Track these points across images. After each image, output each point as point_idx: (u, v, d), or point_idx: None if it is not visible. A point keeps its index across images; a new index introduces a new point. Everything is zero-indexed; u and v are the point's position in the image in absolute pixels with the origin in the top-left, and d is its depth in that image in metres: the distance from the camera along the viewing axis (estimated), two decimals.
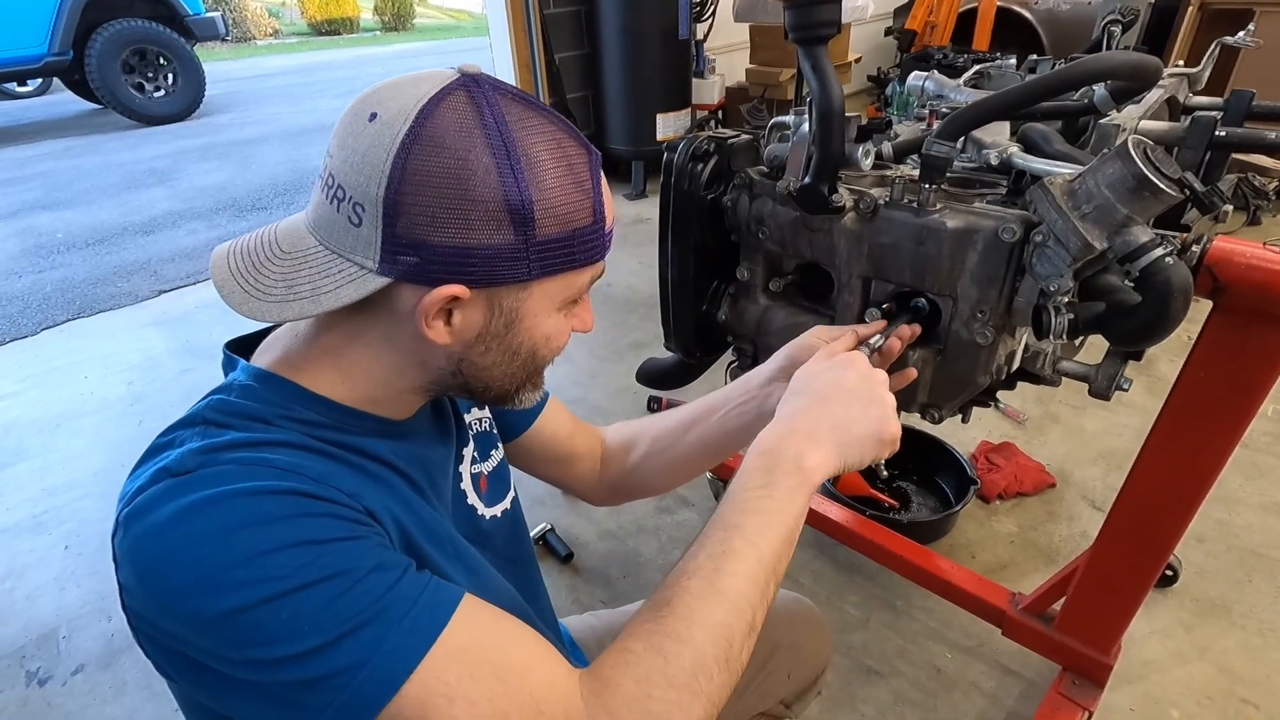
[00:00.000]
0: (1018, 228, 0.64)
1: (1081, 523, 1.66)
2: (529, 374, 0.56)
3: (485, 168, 0.45)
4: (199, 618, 0.41)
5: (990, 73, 1.31)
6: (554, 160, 0.47)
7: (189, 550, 0.42)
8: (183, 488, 0.44)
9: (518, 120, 0.46)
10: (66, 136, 6.08)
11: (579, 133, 0.51)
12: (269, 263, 0.49)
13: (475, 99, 0.46)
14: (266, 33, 13.38)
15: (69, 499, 1.92)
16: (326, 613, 0.42)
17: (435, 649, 0.43)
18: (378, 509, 0.49)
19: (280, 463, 0.46)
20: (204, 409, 0.51)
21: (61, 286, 3.20)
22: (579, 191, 0.48)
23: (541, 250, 0.48)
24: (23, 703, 1.40)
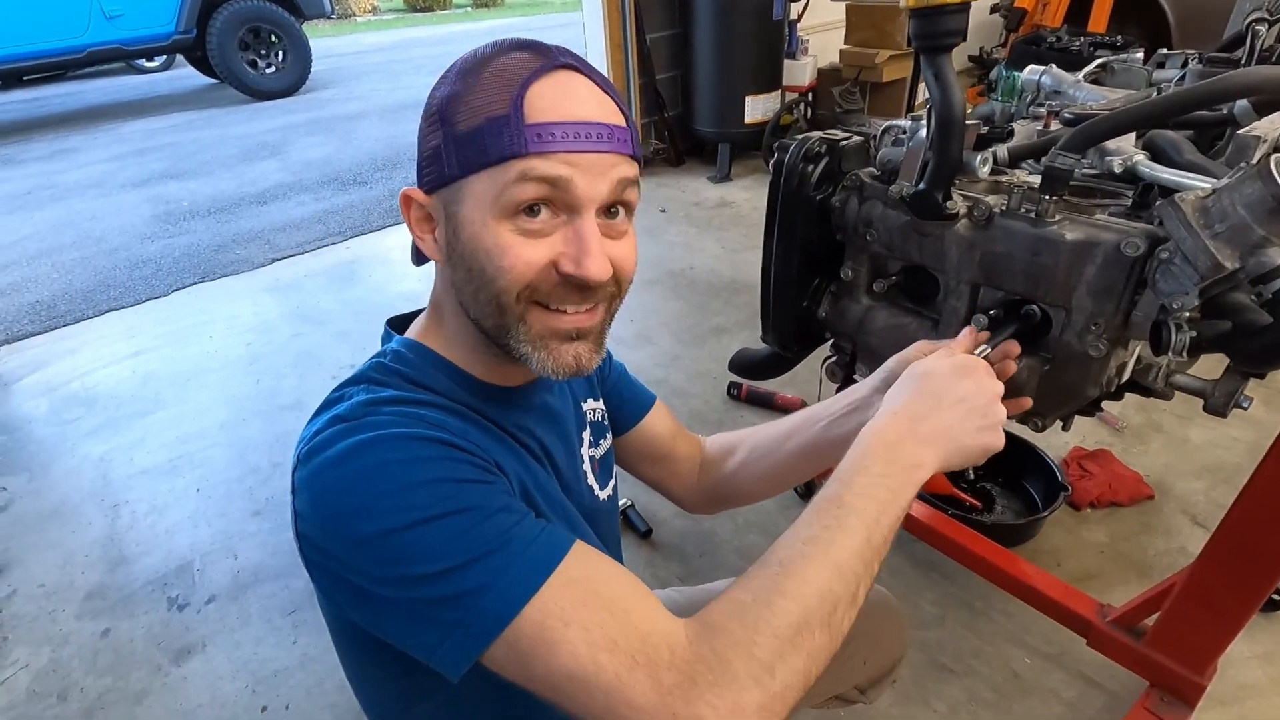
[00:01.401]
0: (1142, 243, 0.64)
1: (1180, 538, 1.60)
2: (495, 303, 0.55)
3: (438, 87, 0.56)
4: (357, 537, 0.49)
5: (1114, 67, 1.26)
6: (487, 67, 0.53)
7: (353, 481, 0.50)
8: (351, 430, 0.52)
9: (493, 51, 0.54)
10: (188, 110, 6.55)
11: (554, 52, 0.54)
12: None
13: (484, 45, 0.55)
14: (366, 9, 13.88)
15: (199, 447, 2.13)
16: (461, 540, 0.48)
17: (552, 579, 0.49)
18: (504, 463, 0.57)
19: (428, 417, 0.55)
20: (368, 370, 0.61)
21: (188, 252, 3.50)
22: (498, 87, 0.52)
23: (458, 143, 0.52)
24: (165, 624, 1.59)
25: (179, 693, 1.43)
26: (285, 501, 1.96)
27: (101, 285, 3.20)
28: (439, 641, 0.49)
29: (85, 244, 3.65)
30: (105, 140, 5.66)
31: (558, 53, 0.54)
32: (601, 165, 0.53)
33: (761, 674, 0.46)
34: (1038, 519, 1.57)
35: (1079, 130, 0.66)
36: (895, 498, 0.55)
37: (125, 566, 1.73)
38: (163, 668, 1.49)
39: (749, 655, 0.47)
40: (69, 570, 1.73)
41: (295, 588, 1.64)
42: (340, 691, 1.41)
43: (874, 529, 0.53)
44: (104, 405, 2.35)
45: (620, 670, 0.47)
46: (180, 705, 1.41)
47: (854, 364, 0.96)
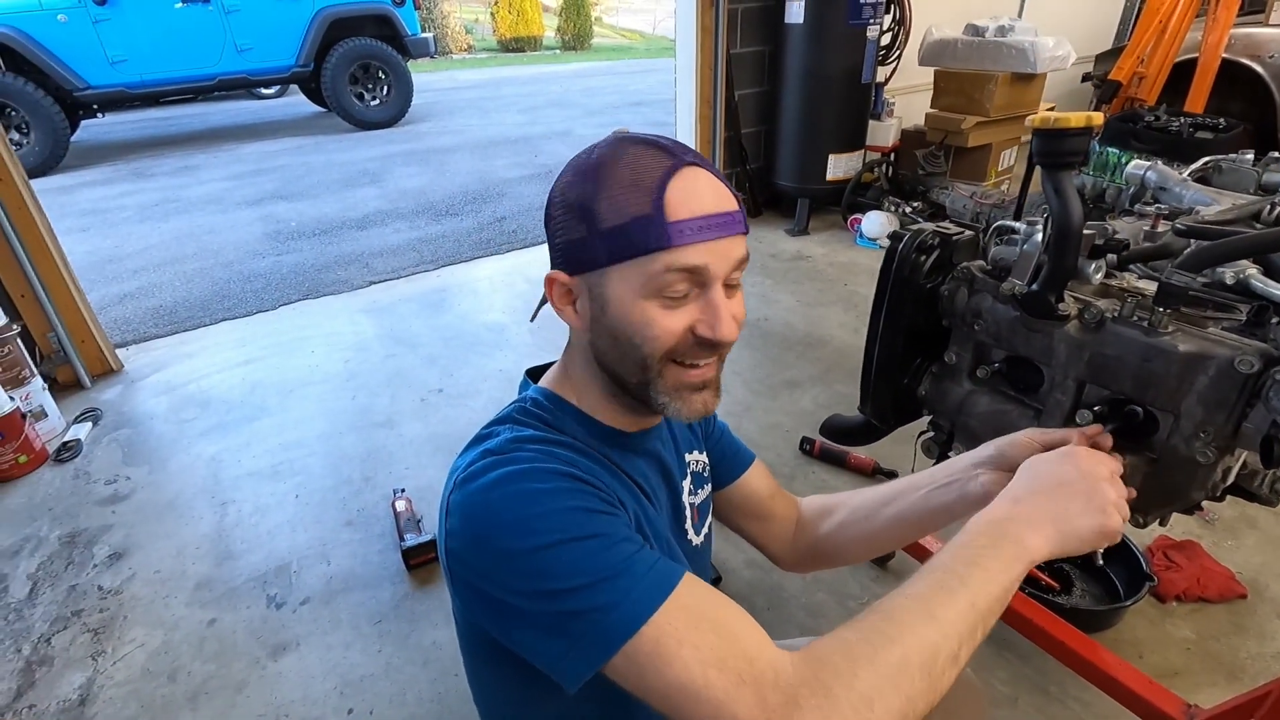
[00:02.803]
0: (1256, 361, 0.67)
1: (1275, 643, 1.54)
2: (638, 364, 0.64)
3: (571, 184, 0.63)
4: (503, 552, 0.57)
5: (1222, 166, 1.28)
6: (623, 169, 0.60)
7: (502, 503, 0.58)
8: (500, 463, 0.61)
9: (616, 145, 0.62)
10: (298, 135, 7.07)
11: (679, 150, 0.63)
12: None
13: (602, 143, 0.63)
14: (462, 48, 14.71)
15: (299, 455, 2.29)
16: (592, 561, 0.56)
17: (668, 603, 0.55)
18: (624, 499, 0.65)
19: (563, 455, 0.64)
20: (513, 412, 0.71)
21: (295, 269, 3.77)
22: (637, 190, 0.59)
23: (606, 239, 0.60)
24: (264, 620, 1.71)
25: (275, 687, 1.54)
26: (375, 515, 2.08)
27: (217, 296, 3.48)
28: (566, 650, 0.55)
29: (204, 255, 3.99)
30: (225, 160, 6.17)
31: (679, 150, 0.63)
32: (726, 247, 0.63)
33: (861, 705, 0.50)
34: (1121, 606, 1.54)
35: (1198, 251, 0.70)
36: (1002, 570, 0.58)
37: (230, 562, 1.88)
38: (260, 661, 1.60)
39: (850, 686, 0.51)
40: (181, 560, 1.89)
41: (382, 598, 1.74)
42: (419, 704, 1.49)
43: (979, 593, 0.56)
44: (216, 408, 2.56)
45: (728, 686, 0.52)
46: (275, 699, 1.52)
47: (950, 443, 1.00)
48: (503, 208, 4.66)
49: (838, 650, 0.54)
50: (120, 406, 2.59)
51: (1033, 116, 0.75)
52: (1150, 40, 3.96)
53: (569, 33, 15.34)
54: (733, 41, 3.80)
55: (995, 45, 3.74)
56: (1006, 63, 3.73)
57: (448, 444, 2.31)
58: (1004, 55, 3.72)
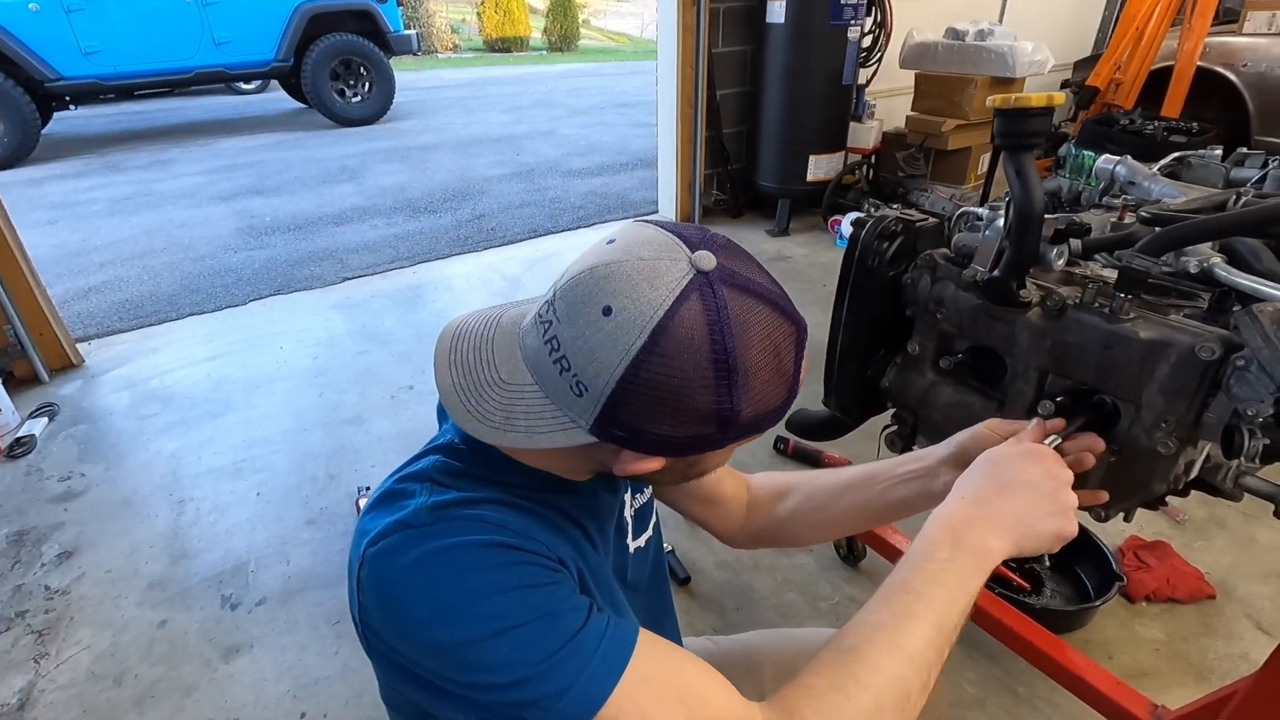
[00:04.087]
0: (1217, 347, 0.65)
1: (1243, 643, 1.53)
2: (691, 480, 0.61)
3: (705, 385, 0.48)
4: (433, 646, 0.51)
5: (1191, 162, 1.27)
6: (767, 359, 0.50)
7: (429, 591, 0.51)
8: (420, 539, 0.53)
9: (742, 323, 0.49)
10: (277, 131, 6.97)
11: (789, 306, 0.52)
12: (489, 389, 0.54)
13: (707, 306, 0.48)
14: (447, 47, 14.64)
15: (263, 452, 2.24)
16: (537, 647, 0.50)
17: (625, 677, 0.50)
18: (565, 556, 0.57)
19: (492, 519, 0.55)
20: (430, 469, 0.60)
21: (267, 264, 3.70)
22: (781, 380, 0.51)
23: (737, 432, 0.51)
24: (217, 621, 1.65)
25: (226, 690, 1.49)
26: (339, 513, 2.02)
27: (185, 290, 3.41)
28: None
29: (174, 250, 3.90)
30: (200, 154, 6.07)
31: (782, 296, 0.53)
32: None
33: None
34: (1091, 607, 1.53)
35: (1161, 234, 0.68)
36: (964, 583, 0.57)
37: (186, 561, 1.82)
38: (212, 663, 1.55)
39: None
40: (134, 559, 1.82)
41: (341, 598, 1.69)
42: (377, 707, 1.44)
43: (944, 615, 0.55)
44: (179, 404, 2.49)
45: None
46: (226, 702, 1.46)
47: (914, 435, 0.98)
48: (482, 205, 4.61)
49: (810, 703, 0.52)
50: (79, 402, 2.51)
51: (994, 97, 0.73)
52: (1127, 47, 4.00)
53: (556, 34, 15.31)
54: (714, 41, 3.79)
55: (975, 49, 3.76)
56: (986, 66, 3.74)
57: (417, 442, 2.21)
58: (984, 59, 3.73)
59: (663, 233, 0.52)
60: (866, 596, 0.59)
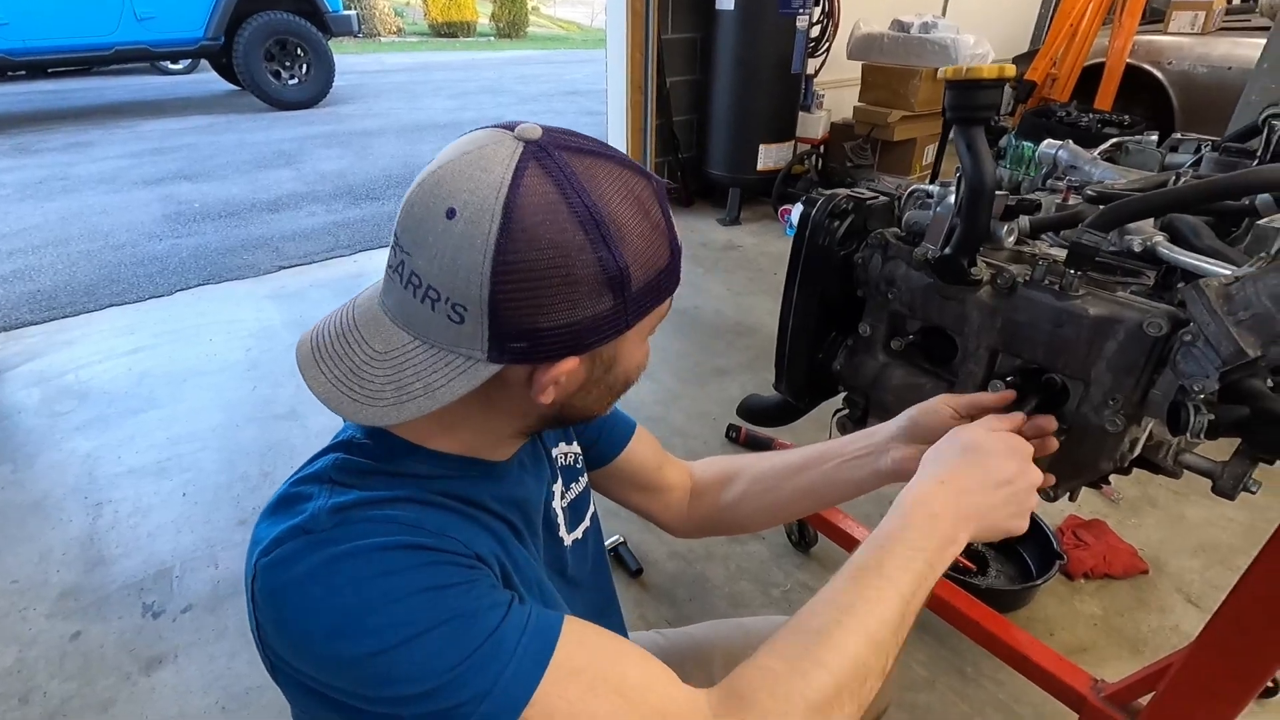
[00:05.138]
0: (1164, 323, 0.65)
1: (1174, 616, 1.59)
2: (620, 394, 0.58)
3: (580, 247, 0.45)
4: (338, 661, 0.45)
5: (1129, 147, 1.30)
6: (632, 211, 0.47)
7: (328, 600, 0.46)
8: (319, 544, 0.47)
9: (590, 178, 0.46)
10: (208, 114, 6.63)
11: (633, 162, 0.50)
12: (368, 366, 0.49)
13: (548, 169, 0.45)
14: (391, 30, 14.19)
15: (189, 449, 2.11)
16: (451, 651, 0.45)
17: (551, 672, 0.46)
18: (484, 553, 0.53)
19: (403, 518, 0.50)
20: (329, 468, 0.53)
21: (195, 253, 3.50)
22: (656, 233, 0.49)
23: (637, 301, 0.49)
24: (138, 630, 1.54)
25: (146, 704, 1.39)
26: None
27: (105, 280, 3.19)
28: None
29: (92, 237, 3.66)
30: (123, 137, 5.71)
31: (637, 163, 0.51)
32: None
33: None
34: (1033, 586, 1.56)
35: (1109, 210, 0.68)
36: (931, 570, 0.55)
37: (102, 568, 1.69)
38: (131, 676, 1.44)
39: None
40: (44, 567, 1.69)
41: None
42: None
43: (909, 602, 0.53)
44: (96, 400, 2.33)
45: None
46: (146, 717, 1.36)
47: (866, 419, 0.96)
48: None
49: (764, 686, 0.49)
50: None
51: (945, 68, 0.71)
52: (1062, 43, 4.13)
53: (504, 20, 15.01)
54: (664, 27, 3.74)
55: (919, 41, 3.82)
56: (930, 58, 3.81)
57: None
58: (927, 51, 3.79)
59: (481, 129, 0.49)
60: (819, 583, 0.56)
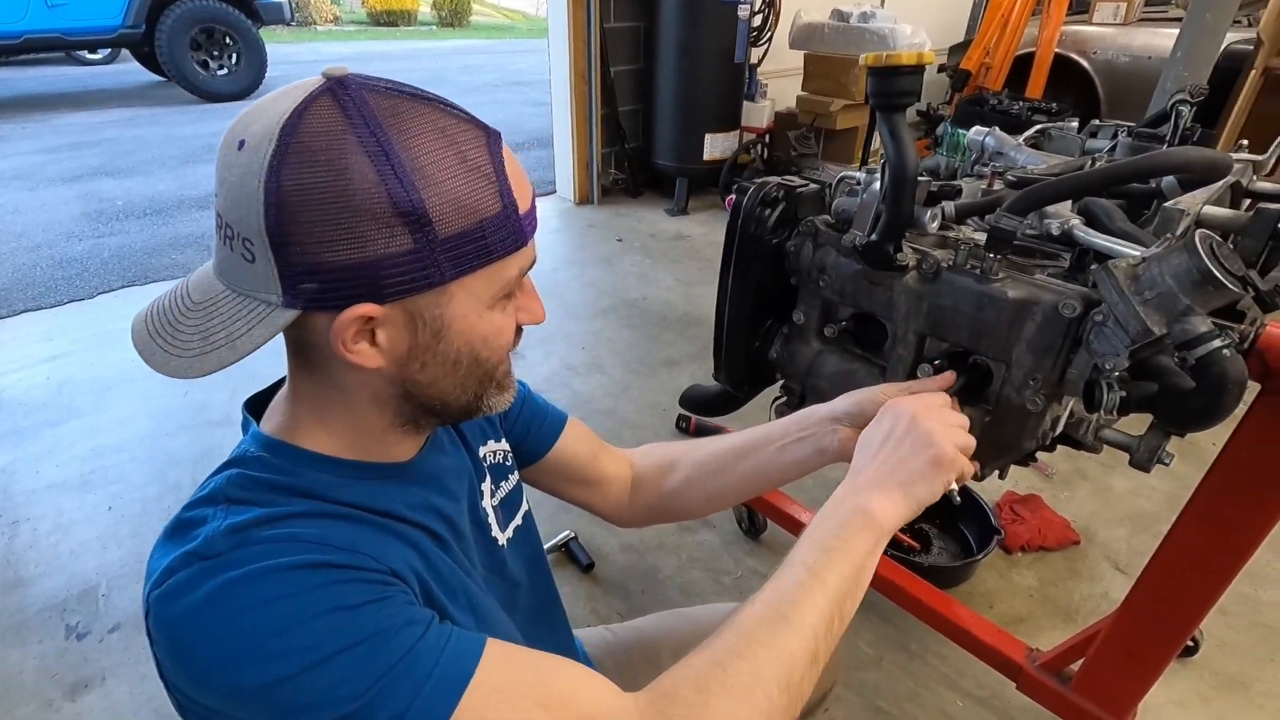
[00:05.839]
0: (1078, 304, 0.66)
1: (1103, 583, 1.66)
2: (481, 379, 0.54)
3: (363, 174, 0.42)
4: (242, 691, 0.43)
5: (1052, 133, 1.34)
6: (441, 149, 0.45)
7: (227, 626, 0.43)
8: (215, 569, 0.44)
9: (392, 115, 0.44)
10: (131, 106, 6.30)
11: (472, 116, 0.48)
12: (183, 317, 0.48)
13: (342, 102, 0.43)
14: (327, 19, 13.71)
15: (115, 461, 2.00)
16: (363, 673, 0.43)
17: (470, 692, 0.45)
18: (400, 567, 0.50)
19: (308, 535, 0.47)
20: (225, 486, 0.50)
21: (119, 253, 3.32)
22: (477, 178, 0.46)
23: (449, 250, 0.45)
24: (60, 654, 1.46)
25: None
26: None
27: (19, 284, 3.00)
28: None
29: (4, 239, 3.44)
30: (36, 131, 5.38)
31: (460, 110, 0.48)
32: None
33: None
34: (972, 562, 1.61)
35: (1023, 194, 0.69)
36: (852, 548, 0.56)
37: (20, 590, 1.60)
38: (54, 702, 1.36)
39: (702, 717, 0.47)
40: None
41: None
42: None
43: (830, 582, 0.54)
44: (11, 412, 2.19)
45: None
46: None
47: (803, 406, 0.97)
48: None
49: (686, 680, 0.49)
50: None
51: (866, 55, 0.71)
52: (994, 34, 4.26)
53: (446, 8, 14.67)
54: (606, 15, 3.71)
55: (859, 30, 3.87)
56: (869, 47, 3.86)
57: None
58: (866, 40, 3.85)
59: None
60: (769, 569, 0.57)
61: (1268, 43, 2.98)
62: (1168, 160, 0.65)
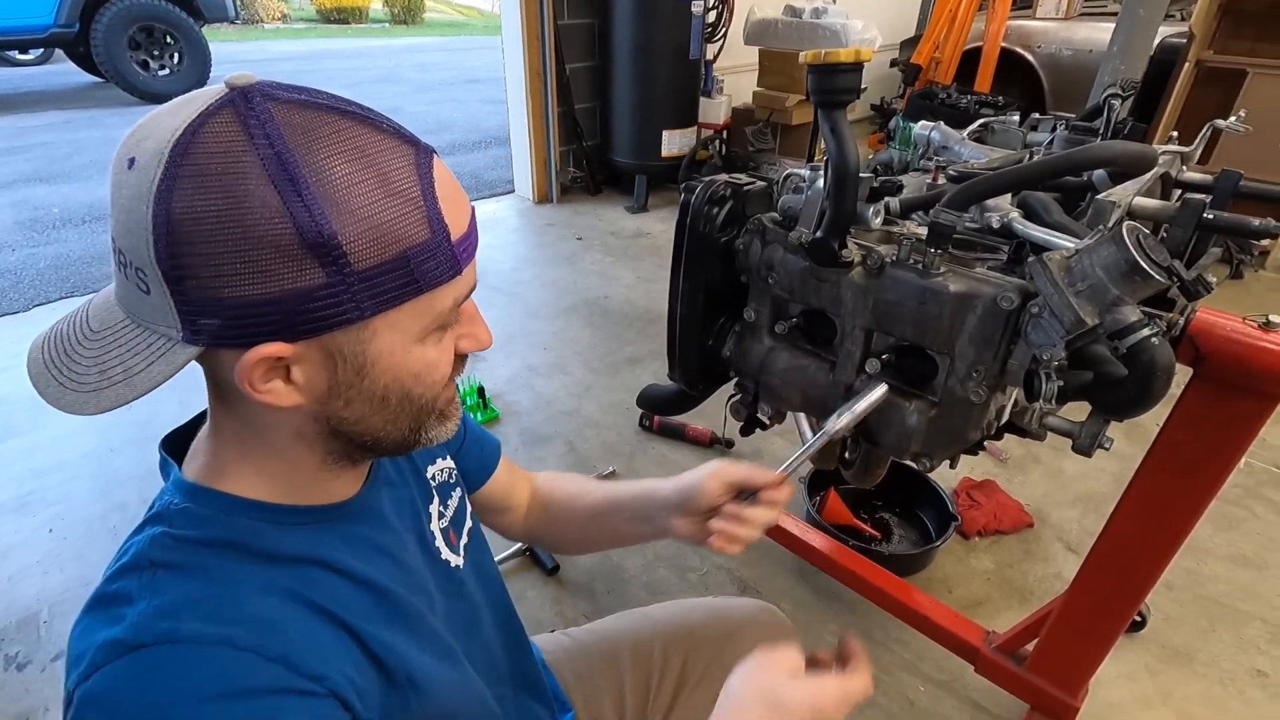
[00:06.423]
0: (1016, 297, 0.68)
1: (1057, 564, 1.71)
2: (416, 413, 0.50)
3: (264, 201, 0.38)
4: None
5: (994, 127, 1.36)
6: (358, 171, 0.40)
7: None
8: (140, 680, 0.41)
9: (302, 132, 0.39)
10: (67, 109, 6.04)
11: (400, 130, 0.44)
12: (80, 346, 0.44)
13: (244, 117, 0.39)
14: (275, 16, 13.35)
15: (56, 481, 1.92)
16: None
17: None
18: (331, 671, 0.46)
19: (240, 641, 0.43)
20: (149, 548, 0.46)
21: (56, 263, 3.19)
22: (401, 203, 0.41)
23: (368, 283, 0.41)
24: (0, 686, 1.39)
25: None
26: None
27: None
28: None
29: None
30: None
31: (389, 123, 0.44)
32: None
33: None
34: (930, 549, 1.64)
35: (960, 190, 0.70)
36: None
37: None
38: None
39: None
40: None
41: None
42: None
43: None
44: None
45: None
46: None
47: (757, 403, 0.97)
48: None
49: None
50: None
51: (805, 53, 0.71)
52: (943, 28, 4.35)
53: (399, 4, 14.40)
54: (560, 12, 3.68)
55: (811, 26, 3.91)
56: (821, 43, 3.90)
57: None
58: (819, 36, 3.89)
59: None
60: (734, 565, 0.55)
61: (1199, 36, 3.10)
62: (1095, 155, 0.67)
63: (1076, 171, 0.72)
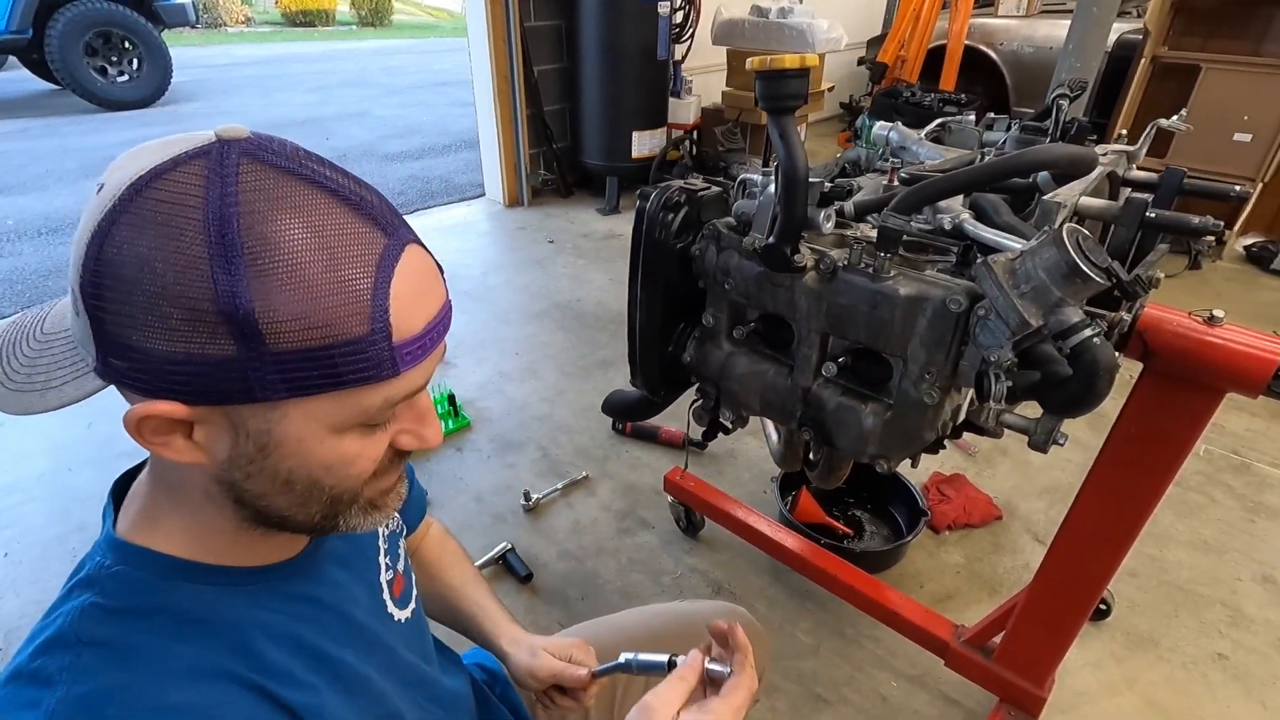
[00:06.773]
0: (964, 299, 0.68)
1: (1025, 555, 1.74)
2: (328, 503, 0.46)
3: (192, 261, 0.36)
4: None
5: (951, 127, 1.38)
6: (304, 254, 0.38)
7: None
8: None
9: (264, 199, 0.38)
10: (20, 117, 5.88)
11: (381, 214, 0.42)
12: (25, 344, 0.44)
13: (210, 170, 0.38)
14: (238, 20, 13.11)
15: (11, 503, 1.86)
16: None
17: None
18: None
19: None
20: (77, 621, 0.43)
21: (10, 277, 3.10)
22: (340, 295, 0.39)
23: (282, 367, 0.38)
24: None
25: None
26: None
27: None
28: None
29: None
30: None
31: (380, 208, 0.42)
32: (441, 347, 0.46)
33: None
34: (901, 545, 1.66)
35: (909, 193, 0.71)
36: None
37: None
38: None
39: None
40: None
41: None
42: None
43: None
44: None
45: None
46: None
47: (718, 408, 0.97)
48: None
49: None
50: None
51: (752, 59, 0.71)
52: (908, 27, 4.40)
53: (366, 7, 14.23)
54: (526, 14, 3.65)
55: (778, 26, 3.93)
56: (788, 43, 3.93)
57: None
58: (786, 36, 3.92)
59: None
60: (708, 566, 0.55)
61: (1154, 32, 3.17)
62: (1035, 158, 0.68)
63: (1021, 174, 0.73)
